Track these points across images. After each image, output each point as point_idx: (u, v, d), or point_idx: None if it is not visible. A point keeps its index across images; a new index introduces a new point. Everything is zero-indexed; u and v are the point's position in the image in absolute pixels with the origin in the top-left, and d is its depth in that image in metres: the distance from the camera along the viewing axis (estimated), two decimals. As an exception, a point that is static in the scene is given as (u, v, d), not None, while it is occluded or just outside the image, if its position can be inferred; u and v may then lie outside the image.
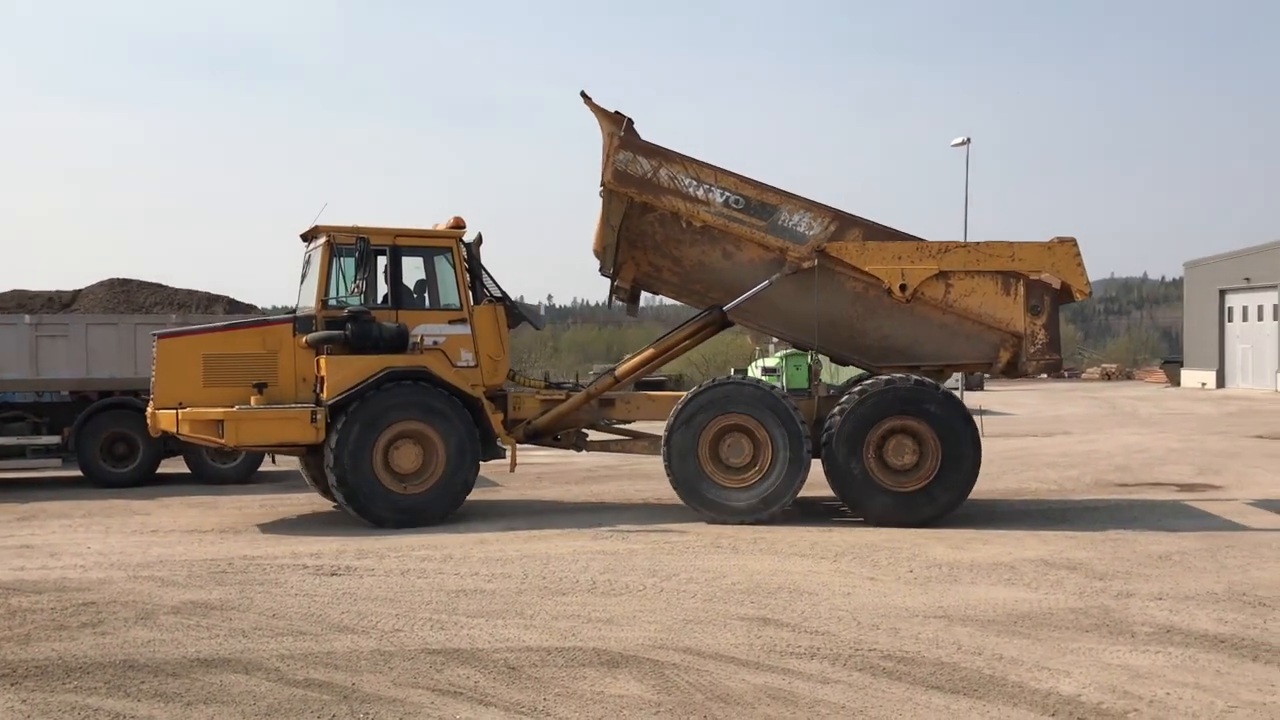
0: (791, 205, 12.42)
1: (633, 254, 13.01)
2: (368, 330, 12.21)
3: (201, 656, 7.08)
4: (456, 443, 12.31)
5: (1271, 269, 41.58)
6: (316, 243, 12.88)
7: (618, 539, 11.27)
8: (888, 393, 11.87)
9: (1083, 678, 6.46)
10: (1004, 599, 8.46)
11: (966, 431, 11.90)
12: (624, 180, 12.45)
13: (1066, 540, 10.93)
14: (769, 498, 12.05)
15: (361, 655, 7.07)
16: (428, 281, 13.10)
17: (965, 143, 39.18)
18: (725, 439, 12.22)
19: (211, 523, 12.84)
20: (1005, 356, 12.39)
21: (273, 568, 9.97)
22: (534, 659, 6.95)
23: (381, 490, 12.11)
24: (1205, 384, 44.90)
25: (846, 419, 11.89)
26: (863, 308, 12.52)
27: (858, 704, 6.06)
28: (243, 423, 12.03)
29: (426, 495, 12.26)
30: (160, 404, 12.45)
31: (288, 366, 12.43)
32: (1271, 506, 13.19)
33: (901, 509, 11.83)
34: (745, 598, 8.57)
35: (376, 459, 12.07)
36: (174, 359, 12.46)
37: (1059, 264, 12.16)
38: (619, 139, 12.46)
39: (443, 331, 12.73)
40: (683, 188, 12.43)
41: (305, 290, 13.15)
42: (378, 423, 12.07)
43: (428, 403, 12.23)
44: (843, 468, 11.91)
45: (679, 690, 6.32)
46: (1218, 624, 7.65)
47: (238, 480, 16.85)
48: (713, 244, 12.64)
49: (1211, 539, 10.89)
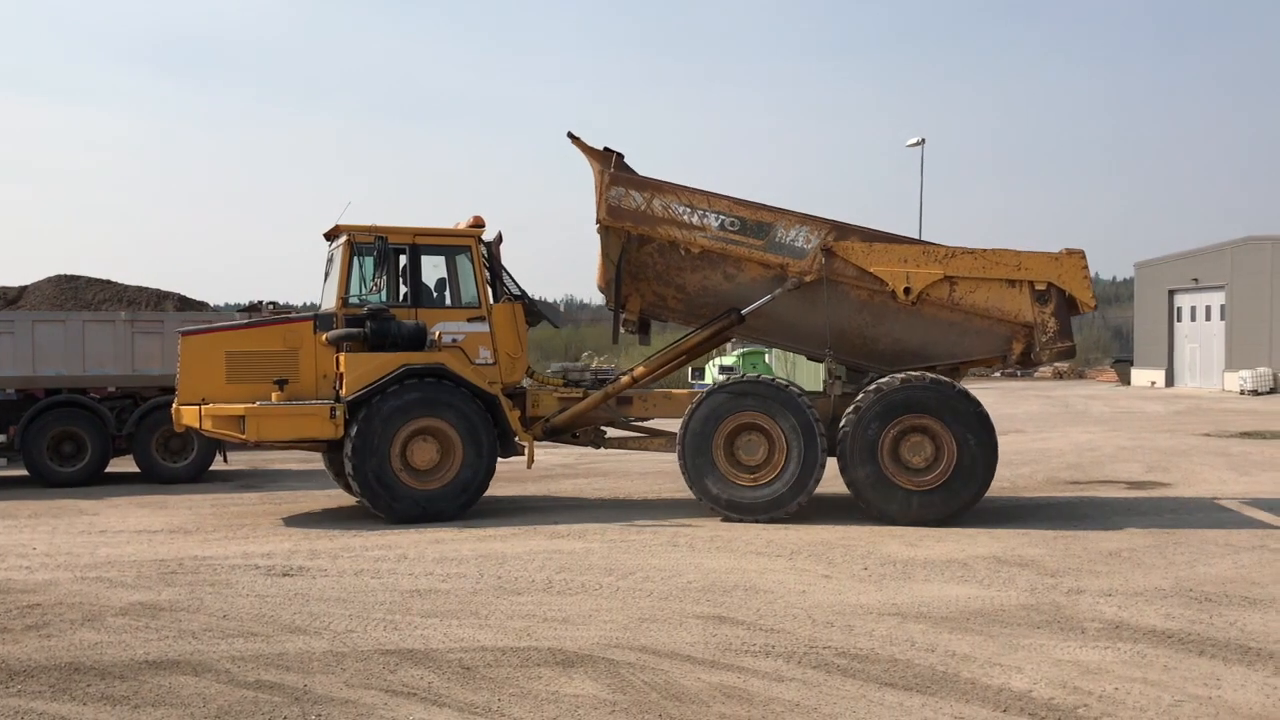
0: (786, 221, 12.52)
1: (636, 286, 13.12)
2: (386, 328, 12.37)
3: (150, 659, 6.97)
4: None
5: (1219, 270, 42.32)
6: (338, 242, 13.08)
7: (574, 538, 11.24)
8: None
9: (1034, 674, 6.52)
10: (957, 596, 8.53)
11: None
12: (619, 215, 12.62)
13: (1019, 538, 11.04)
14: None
15: (314, 656, 7.00)
16: (447, 280, 13.24)
17: (920, 143, 39.60)
18: (740, 437, 12.24)
19: (161, 523, 12.66)
20: (1018, 348, 12.47)
21: (224, 568, 9.84)
22: (488, 659, 6.91)
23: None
24: (1155, 383, 45.60)
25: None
26: (870, 315, 12.60)
27: (811, 702, 6.08)
28: (263, 419, 12.21)
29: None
30: (184, 400, 12.67)
31: (308, 364, 12.65)
32: (1218, 504, 13.42)
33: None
34: (701, 596, 8.58)
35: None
36: (197, 356, 12.68)
37: (1065, 275, 12.23)
38: (609, 175, 12.64)
39: (461, 329, 12.89)
40: (677, 216, 12.57)
41: (328, 289, 13.34)
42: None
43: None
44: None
45: (634, 689, 6.31)
46: (1165, 619, 7.76)
47: (189, 479, 16.65)
48: (713, 268, 12.75)
49: (1160, 536, 11.05)
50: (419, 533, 11.68)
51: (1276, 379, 38.87)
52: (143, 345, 16.83)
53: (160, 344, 16.88)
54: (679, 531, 11.54)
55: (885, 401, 11.88)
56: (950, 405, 11.86)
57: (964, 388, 12.12)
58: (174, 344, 16.79)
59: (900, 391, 11.88)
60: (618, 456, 19.02)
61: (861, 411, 11.92)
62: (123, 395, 16.80)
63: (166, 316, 18.19)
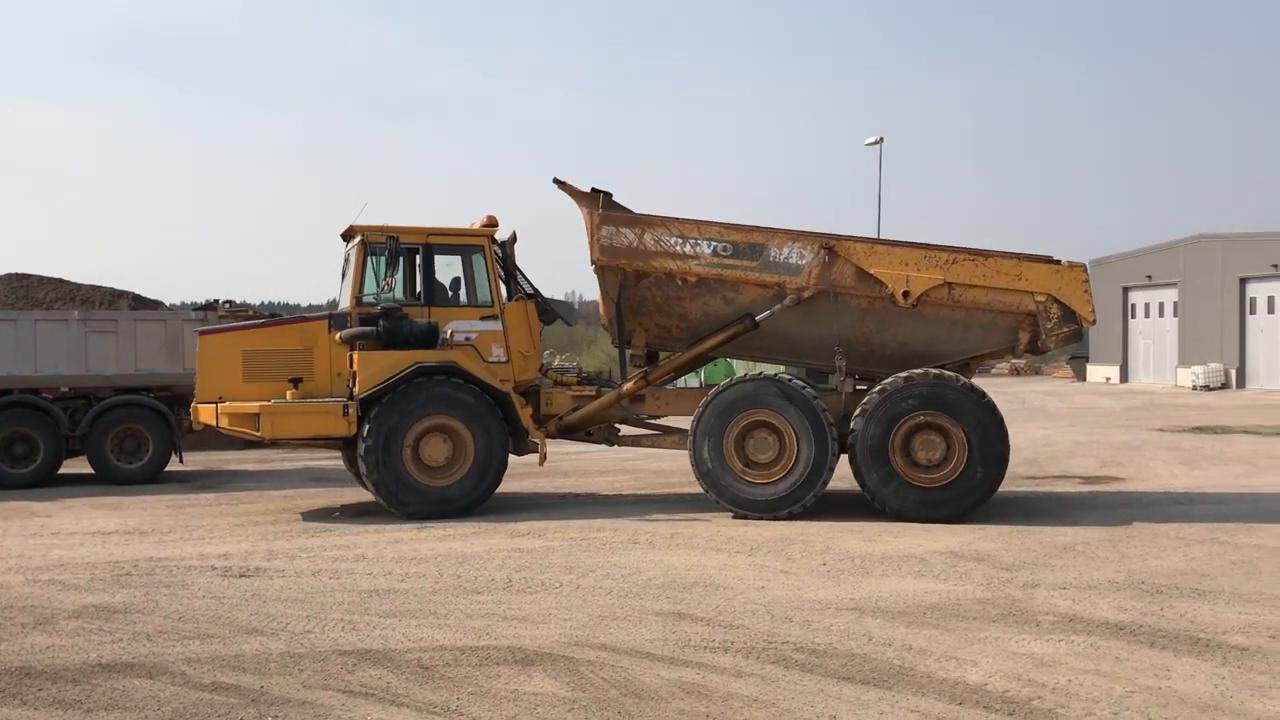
0: (778, 239, 12.61)
1: (639, 320, 13.19)
2: (399, 327, 12.55)
3: (103, 661, 6.89)
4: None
5: (1171, 267, 42.94)
6: (353, 242, 13.23)
7: (534, 536, 11.23)
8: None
9: (989, 667, 6.60)
10: (914, 590, 8.61)
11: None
12: (612, 254, 12.73)
13: (975, 532, 11.16)
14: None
15: (270, 657, 6.95)
16: (462, 279, 13.38)
17: (878, 142, 39.86)
18: (751, 435, 12.27)
19: (116, 524, 12.51)
20: (1024, 337, 12.55)
21: (179, 570, 9.74)
22: (447, 658, 6.89)
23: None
24: (1110, 379, 46.20)
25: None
26: (874, 322, 12.66)
27: (770, 696, 6.11)
28: (278, 416, 12.40)
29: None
30: (201, 398, 12.87)
31: (323, 362, 12.81)
32: (1170, 497, 13.62)
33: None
34: (661, 593, 8.60)
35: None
36: (214, 355, 12.86)
37: (1065, 288, 12.30)
38: (599, 216, 12.75)
39: (474, 328, 13.03)
40: (670, 248, 12.69)
41: (343, 288, 13.50)
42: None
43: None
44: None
45: (593, 687, 6.32)
46: (1118, 612, 7.87)
47: (144, 480, 16.45)
48: (712, 294, 12.83)
49: (1113, 529, 11.21)
50: (378, 532, 11.62)
51: (1228, 374, 39.53)
52: (96, 345, 16.61)
53: (114, 343, 16.67)
54: (640, 529, 11.56)
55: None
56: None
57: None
58: (128, 343, 16.69)
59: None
60: (580, 454, 19.00)
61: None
62: (76, 395, 16.56)
63: (120, 315, 17.97)
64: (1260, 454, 18.50)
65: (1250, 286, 39.59)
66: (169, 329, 17.10)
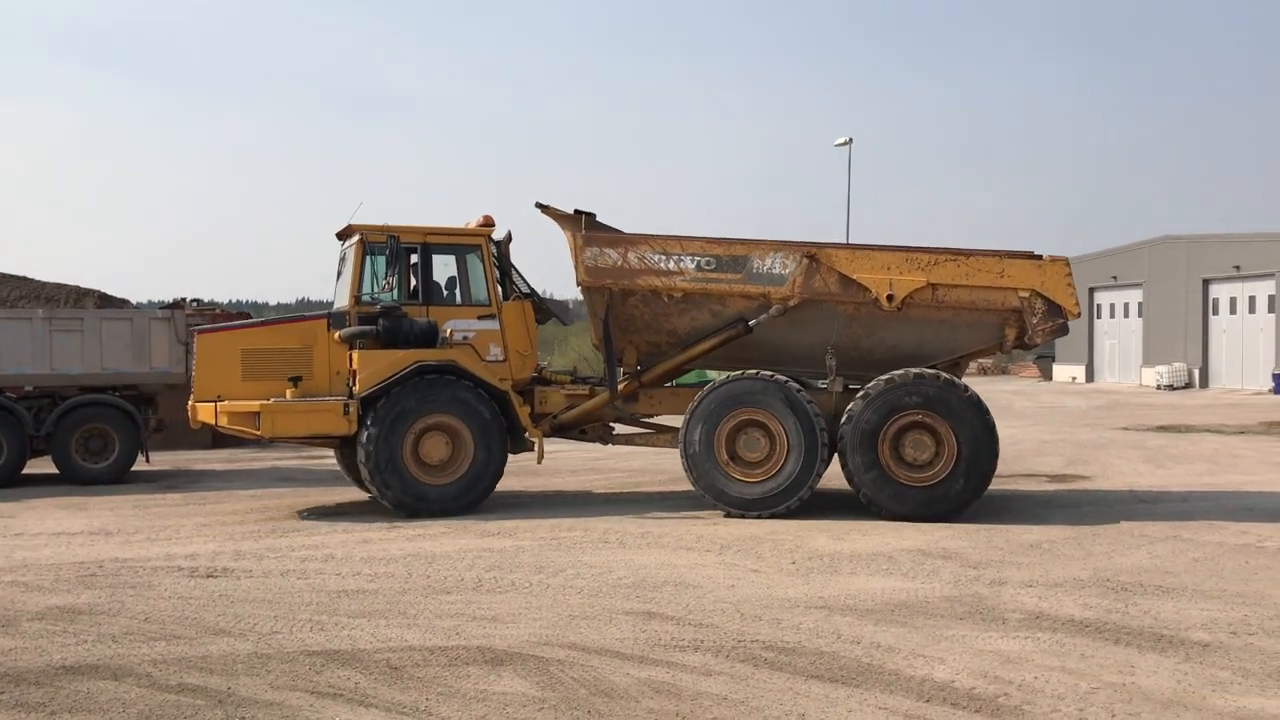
0: (760, 251, 12.67)
1: (629, 337, 13.23)
2: (399, 326, 12.58)
3: (67, 664, 6.83)
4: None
5: (1136, 268, 43.40)
6: (350, 241, 13.25)
7: (504, 536, 11.21)
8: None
9: (956, 664, 6.65)
10: (882, 588, 8.67)
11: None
12: (597, 274, 12.80)
13: (943, 531, 11.23)
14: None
15: (238, 658, 6.90)
16: (458, 278, 13.40)
17: (847, 143, 40.03)
18: (742, 433, 12.30)
19: (81, 525, 12.38)
20: (1011, 333, 12.64)
21: (145, 570, 9.66)
22: (416, 658, 6.87)
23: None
24: (1075, 378, 46.63)
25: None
26: (861, 327, 12.69)
27: (739, 695, 6.14)
28: (278, 415, 12.44)
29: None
30: (200, 397, 12.84)
31: (322, 361, 12.85)
32: (1135, 496, 13.77)
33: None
34: (631, 592, 8.61)
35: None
36: (213, 354, 12.86)
37: (1048, 282, 12.37)
38: (582, 238, 12.80)
39: (472, 327, 13.07)
40: (654, 265, 12.75)
41: (340, 287, 13.49)
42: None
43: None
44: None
45: (563, 686, 6.32)
46: (1083, 609, 7.96)
47: (110, 480, 16.28)
48: (699, 308, 12.89)
49: (1079, 528, 11.32)
50: (346, 532, 11.57)
51: (1191, 374, 39.99)
52: (61, 344, 16.43)
53: (80, 342, 16.51)
54: (610, 528, 11.56)
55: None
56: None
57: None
58: (94, 342, 16.53)
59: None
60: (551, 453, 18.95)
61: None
62: (41, 395, 16.38)
63: (86, 314, 17.80)
64: (1222, 453, 18.73)
65: (1213, 287, 40.07)
66: (135, 328, 16.95)
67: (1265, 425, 24.25)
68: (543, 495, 14.44)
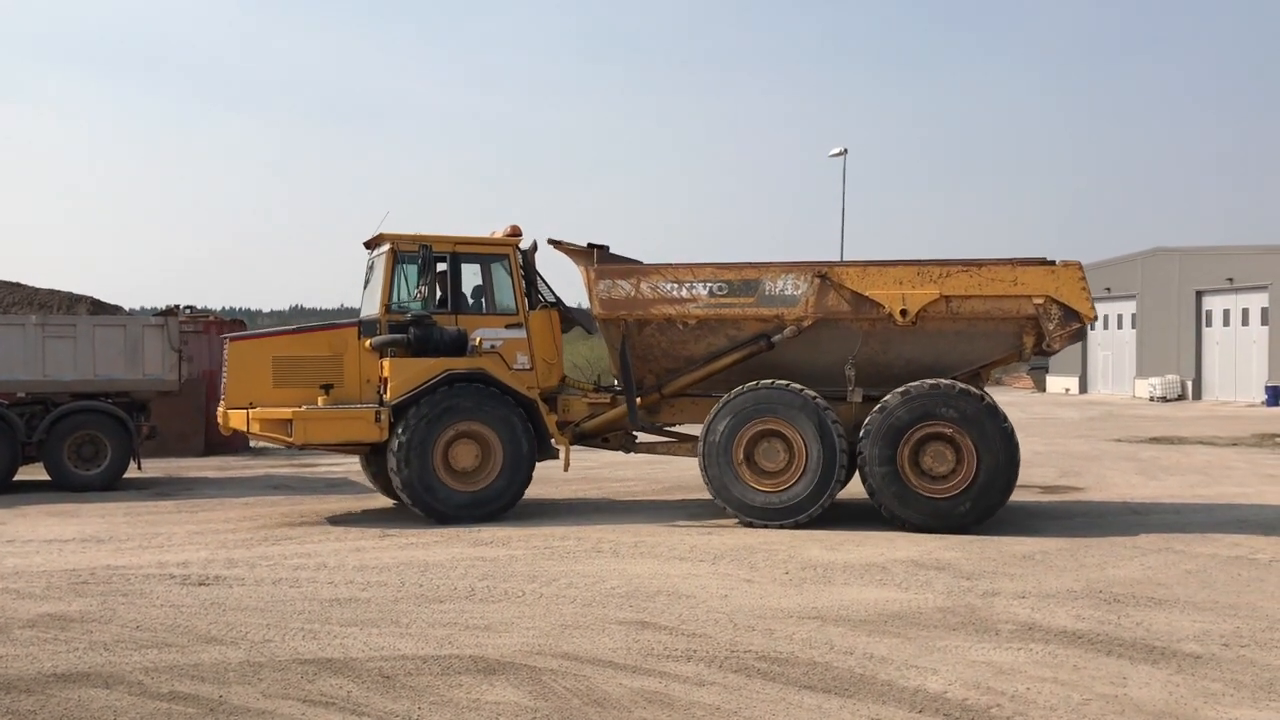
0: (771, 273, 12.71)
1: (648, 365, 13.30)
2: (429, 334, 12.74)
3: (59, 671, 6.80)
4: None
5: (1130, 280, 43.54)
6: (380, 250, 13.38)
7: (497, 545, 11.20)
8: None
9: (949, 675, 6.65)
10: (875, 599, 8.67)
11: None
12: (611, 306, 12.91)
13: (936, 541, 11.24)
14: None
15: (230, 666, 6.88)
16: (485, 287, 13.57)
17: (842, 153, 40.10)
18: (761, 443, 12.32)
19: (73, 532, 12.35)
20: (1029, 341, 12.54)
21: (137, 578, 9.64)
22: (409, 667, 6.86)
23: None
24: (1069, 389, 46.73)
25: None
26: (878, 343, 12.67)
27: (732, 705, 6.13)
28: (310, 422, 12.57)
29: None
30: (231, 404, 12.95)
31: (353, 368, 12.99)
32: (1128, 507, 13.79)
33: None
34: (624, 602, 8.61)
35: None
36: (245, 361, 13.00)
37: (1063, 288, 12.27)
38: (594, 271, 12.90)
39: (500, 335, 13.21)
40: (667, 294, 12.83)
41: (368, 295, 13.64)
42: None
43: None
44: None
45: (555, 695, 6.32)
46: (1076, 620, 7.96)
47: (102, 487, 16.25)
48: (714, 333, 12.94)
49: (1072, 539, 11.33)
50: (339, 540, 11.55)
51: (1184, 386, 40.09)
52: (54, 350, 16.42)
53: (73, 348, 16.49)
54: (603, 538, 11.56)
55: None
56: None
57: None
58: (87, 348, 16.51)
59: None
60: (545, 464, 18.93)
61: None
62: (33, 401, 16.36)
63: (79, 320, 17.77)
64: (1215, 464, 18.78)
65: (1206, 299, 40.22)
66: (128, 334, 16.94)
67: (1258, 437, 24.30)
68: (536, 505, 14.41)
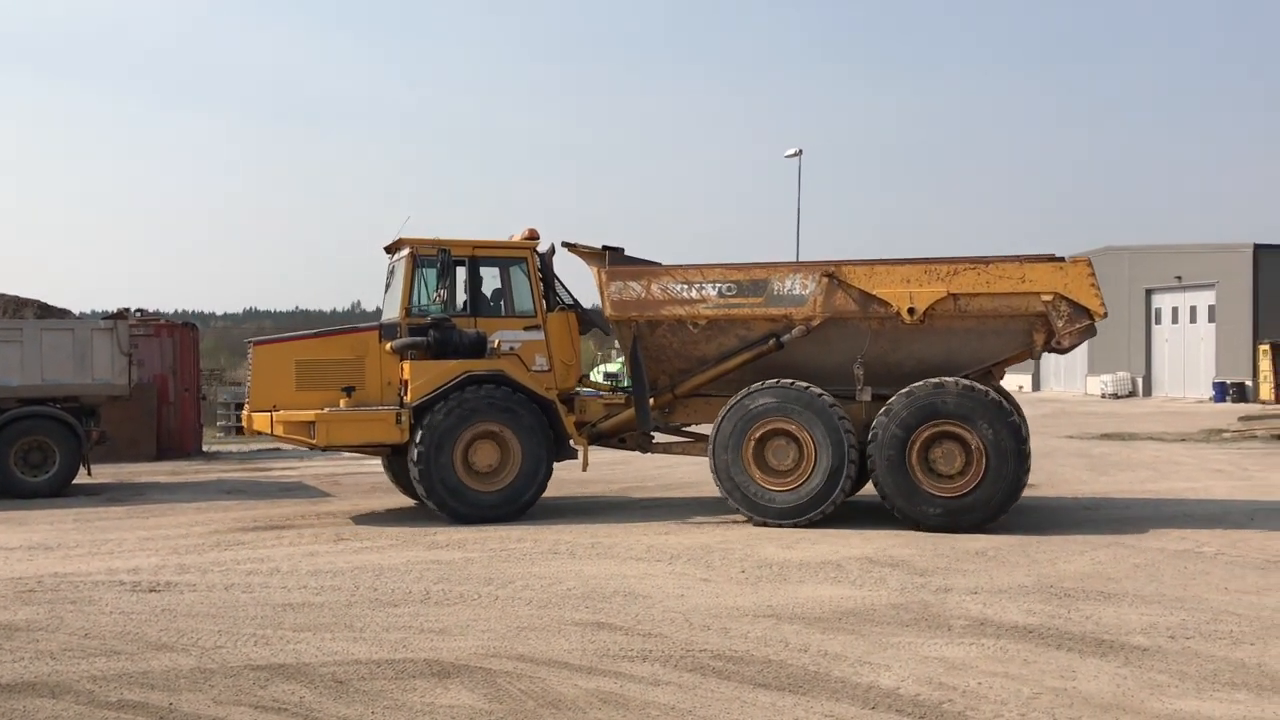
0: (779, 273, 12.76)
1: (660, 366, 13.35)
2: (449, 336, 12.92)
3: (3, 682, 6.68)
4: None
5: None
6: (400, 254, 13.58)
7: (453, 548, 11.15)
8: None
9: (901, 671, 6.71)
10: (830, 596, 8.73)
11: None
12: (623, 307, 12.99)
13: (890, 539, 11.33)
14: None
15: (180, 674, 6.80)
16: (504, 290, 13.74)
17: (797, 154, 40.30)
18: (771, 442, 12.35)
19: (20, 540, 12.14)
20: (1040, 338, 12.49)
21: (86, 585, 9.49)
22: (362, 672, 6.81)
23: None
24: (1022, 387, 47.23)
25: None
26: (887, 341, 12.67)
27: (687, 704, 6.15)
28: (333, 424, 12.75)
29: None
30: (256, 407, 13.19)
31: (374, 371, 13.21)
32: (1079, 503, 13.99)
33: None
34: (580, 603, 8.60)
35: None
36: (268, 365, 13.21)
37: (1071, 284, 12.25)
38: (606, 273, 12.99)
39: (518, 337, 13.44)
40: (677, 295, 12.91)
41: (389, 299, 13.83)
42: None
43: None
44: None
45: (510, 698, 6.30)
46: (1027, 615, 8.06)
47: (51, 494, 15.99)
48: (725, 333, 12.99)
49: (1024, 535, 11.47)
50: (292, 545, 11.44)
51: (1135, 383, 40.68)
52: (0, 354, 16.12)
53: (19, 353, 16.22)
54: (560, 539, 11.54)
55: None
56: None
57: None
58: (34, 352, 16.25)
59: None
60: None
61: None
62: (-22, 407, 16.06)
63: (25, 324, 17.44)
64: (1164, 460, 19.09)
65: (1155, 297, 40.85)
66: (77, 338, 16.69)
67: (1205, 433, 24.75)
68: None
